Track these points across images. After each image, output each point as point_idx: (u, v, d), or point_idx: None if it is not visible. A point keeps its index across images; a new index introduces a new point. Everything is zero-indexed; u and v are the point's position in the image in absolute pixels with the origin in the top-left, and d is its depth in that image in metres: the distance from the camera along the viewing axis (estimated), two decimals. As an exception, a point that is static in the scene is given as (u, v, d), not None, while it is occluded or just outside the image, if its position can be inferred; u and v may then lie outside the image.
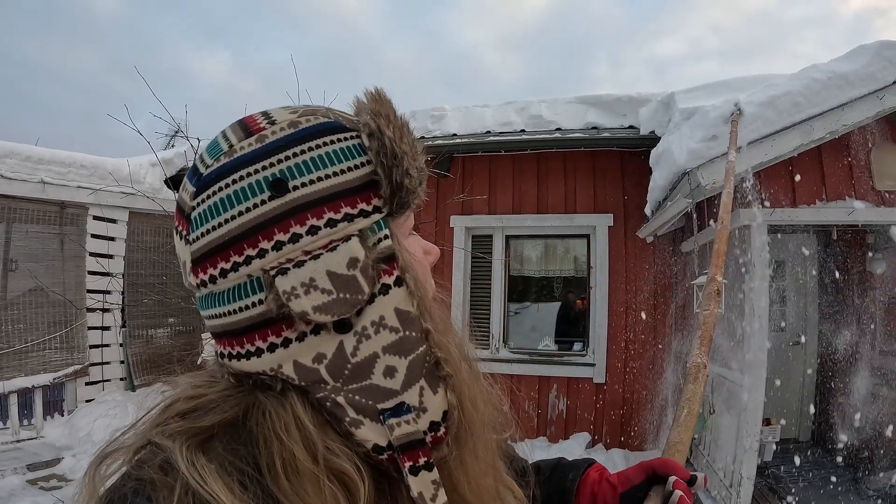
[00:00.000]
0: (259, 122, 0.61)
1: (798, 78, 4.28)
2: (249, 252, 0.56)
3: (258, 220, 0.56)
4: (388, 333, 0.58)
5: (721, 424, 4.65)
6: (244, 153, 0.58)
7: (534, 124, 6.89)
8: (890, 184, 4.38)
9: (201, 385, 0.62)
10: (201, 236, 0.58)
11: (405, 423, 0.58)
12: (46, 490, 5.25)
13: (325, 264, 0.56)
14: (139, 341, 7.81)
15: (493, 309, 6.92)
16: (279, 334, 0.57)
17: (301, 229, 0.56)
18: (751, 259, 4.29)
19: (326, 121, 0.62)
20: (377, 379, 0.58)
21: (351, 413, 0.57)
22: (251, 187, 0.56)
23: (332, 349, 0.57)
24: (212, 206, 0.57)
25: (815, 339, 6.52)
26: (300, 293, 0.55)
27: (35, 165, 6.61)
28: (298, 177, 0.57)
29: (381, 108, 0.62)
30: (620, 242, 6.55)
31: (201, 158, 0.61)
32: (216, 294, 0.59)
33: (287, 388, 0.57)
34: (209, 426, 0.56)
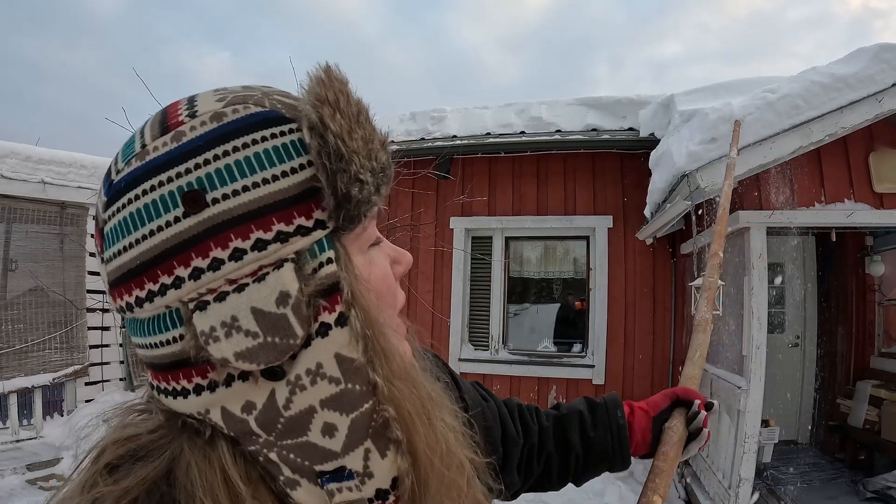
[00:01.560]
0: (179, 113, 0.49)
1: (797, 80, 4.29)
2: (164, 280, 0.46)
3: (171, 242, 0.46)
4: (326, 384, 0.48)
5: (720, 425, 4.65)
6: (157, 155, 0.47)
7: (534, 126, 6.89)
8: (889, 186, 4.40)
9: (136, 422, 0.52)
10: (114, 256, 0.48)
11: (347, 489, 0.50)
12: (46, 490, 5.25)
13: (251, 299, 0.45)
14: (139, 342, 7.80)
15: (492, 310, 6.92)
16: (204, 375, 0.47)
17: (223, 253, 0.45)
18: (750, 261, 4.30)
19: (259, 111, 0.49)
20: (314, 437, 0.48)
21: (286, 472, 0.48)
22: (164, 200, 0.46)
23: (262, 398, 0.47)
24: (121, 223, 0.47)
25: (814, 341, 6.53)
26: (220, 335, 0.45)
27: (35, 165, 6.61)
28: (220, 187, 0.46)
29: (327, 93, 0.48)
30: (620, 244, 6.56)
31: (115, 160, 0.50)
32: (136, 321, 0.49)
33: (217, 436, 0.48)
34: (131, 487, 0.46)
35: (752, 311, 4.25)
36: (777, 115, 4.11)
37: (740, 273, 4.47)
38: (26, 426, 6.49)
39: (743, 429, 4.20)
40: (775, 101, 4.15)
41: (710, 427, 1.03)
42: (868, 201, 4.40)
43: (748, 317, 4.29)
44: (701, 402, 1.03)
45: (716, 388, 4.77)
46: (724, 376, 4.60)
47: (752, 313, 4.25)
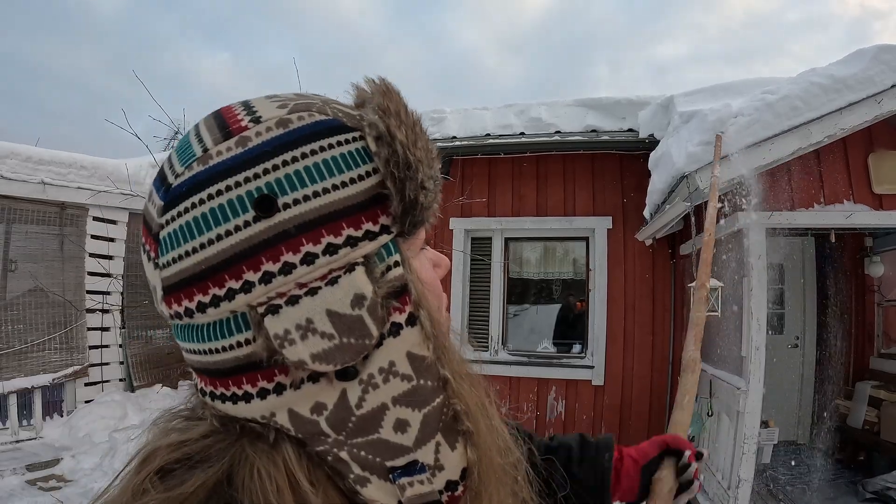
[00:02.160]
0: (240, 118, 0.49)
1: (796, 82, 4.29)
2: (232, 284, 0.46)
3: (241, 246, 0.46)
4: (399, 382, 0.49)
5: (719, 426, 4.66)
6: (222, 160, 0.47)
7: (533, 127, 6.89)
8: (888, 187, 4.40)
9: (183, 427, 0.51)
10: (173, 262, 0.47)
11: (418, 482, 0.50)
12: (45, 490, 5.25)
13: (325, 302, 0.46)
14: (138, 342, 7.81)
15: (492, 311, 6.92)
16: (271, 379, 0.47)
17: (294, 258, 0.46)
18: (749, 262, 4.30)
19: (323, 118, 0.50)
20: (386, 433, 0.49)
21: (356, 470, 0.49)
22: (231, 205, 0.46)
23: (333, 399, 0.48)
24: (184, 227, 0.47)
25: (814, 342, 6.53)
26: (295, 338, 0.45)
27: (35, 166, 6.62)
28: (290, 192, 0.46)
29: (389, 104, 0.51)
30: (619, 245, 6.56)
31: (170, 164, 0.50)
32: (194, 327, 0.49)
33: (281, 439, 0.48)
34: (189, 494, 0.45)
35: (752, 312, 4.25)
36: (776, 116, 4.11)
37: (739, 274, 4.47)
38: (26, 427, 6.50)
39: (742, 430, 4.20)
40: (774, 102, 4.15)
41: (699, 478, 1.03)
42: (867, 202, 4.40)
43: (747, 318, 4.29)
44: (692, 452, 1.01)
45: (715, 389, 4.78)
46: (724, 377, 4.61)
47: (752, 314, 4.25)
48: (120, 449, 5.80)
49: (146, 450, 0.51)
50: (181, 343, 0.51)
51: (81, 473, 5.66)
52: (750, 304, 4.27)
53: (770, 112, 4.12)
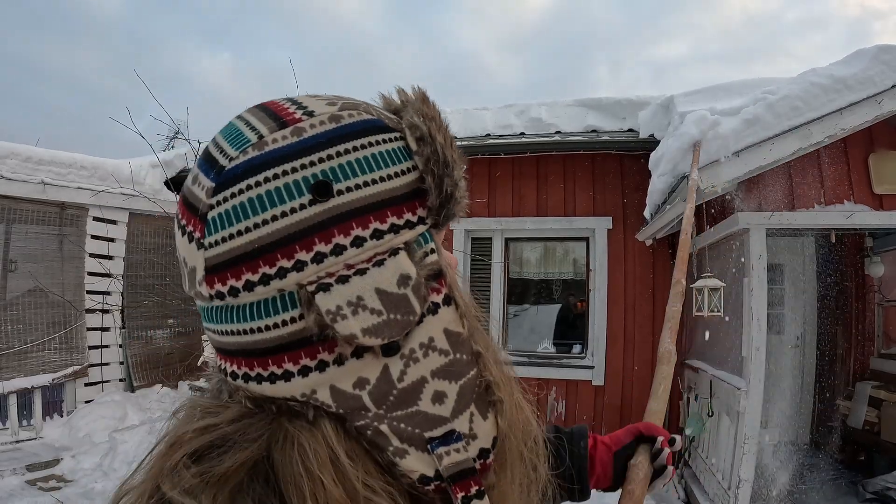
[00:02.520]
0: (292, 111, 0.53)
1: (796, 82, 4.29)
2: (284, 263, 0.48)
3: (297, 226, 0.48)
4: (437, 356, 0.53)
5: (720, 427, 4.66)
6: (279, 147, 0.50)
7: (533, 127, 6.89)
8: (888, 187, 4.40)
9: (210, 410, 0.53)
10: (222, 241, 0.49)
11: (455, 451, 0.53)
12: (45, 491, 5.25)
13: (374, 281, 0.49)
14: (139, 342, 7.81)
15: (492, 311, 6.92)
16: (314, 356, 0.49)
17: (345, 240, 0.49)
18: (749, 262, 4.30)
19: (370, 118, 0.55)
20: (425, 405, 0.52)
21: (395, 442, 0.51)
22: (288, 188, 0.49)
23: (375, 374, 0.50)
24: (238, 207, 0.49)
25: (814, 342, 6.53)
26: (347, 313, 0.48)
27: (35, 166, 6.62)
28: (343, 180, 0.50)
29: (428, 110, 0.57)
30: (619, 245, 6.56)
31: (220, 149, 0.52)
32: (235, 308, 0.50)
33: (320, 416, 0.50)
34: (230, 472, 0.47)
35: (752, 313, 4.25)
36: (776, 116, 4.11)
37: (740, 274, 4.47)
38: (26, 427, 6.50)
39: (742, 430, 4.20)
40: (775, 102, 4.15)
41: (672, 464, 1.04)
42: (868, 203, 4.40)
43: (748, 318, 4.29)
44: (664, 438, 1.03)
45: (715, 389, 4.78)
46: (724, 377, 4.61)
47: (752, 314, 4.25)
48: (120, 449, 5.80)
49: (172, 435, 0.52)
50: (216, 325, 0.52)
51: (81, 473, 5.66)
52: (750, 305, 4.28)
53: (770, 112, 4.12)
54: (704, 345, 5.34)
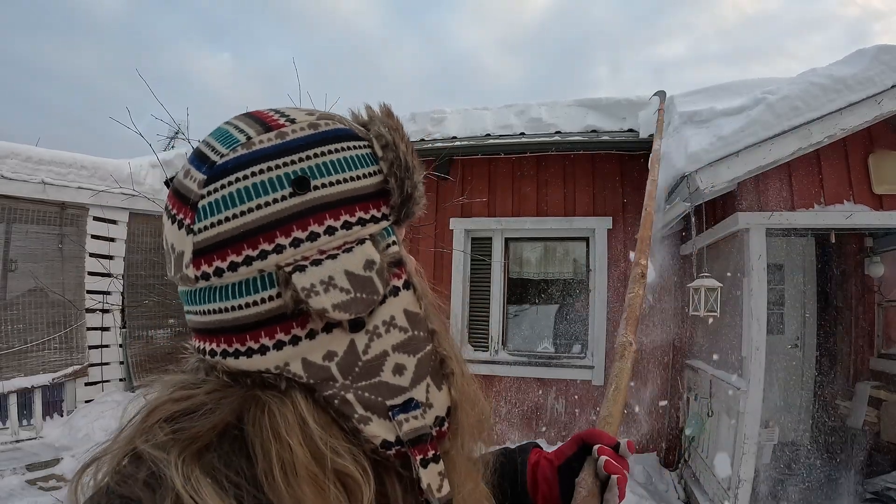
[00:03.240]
0: (276, 118, 0.60)
1: (796, 82, 4.29)
2: (265, 247, 0.55)
3: (278, 215, 0.55)
4: (397, 333, 0.60)
5: (719, 426, 4.66)
6: (264, 147, 0.57)
7: (533, 127, 6.89)
8: (888, 187, 4.40)
9: (186, 386, 0.58)
10: (210, 226, 0.55)
11: (413, 418, 0.59)
12: (45, 490, 5.25)
13: (344, 264, 0.56)
14: (139, 342, 7.81)
15: (492, 311, 6.92)
16: (288, 331, 0.56)
17: (319, 228, 0.56)
18: (749, 262, 4.31)
19: (343, 127, 0.63)
20: (386, 376, 0.59)
21: (359, 410, 0.57)
22: (271, 182, 0.56)
23: (343, 347, 0.57)
24: (226, 197, 0.55)
25: (814, 342, 6.53)
26: (319, 290, 0.54)
27: (36, 166, 6.62)
28: (319, 177, 0.57)
29: (392, 122, 0.65)
30: (619, 245, 6.56)
31: (211, 147, 0.59)
32: (218, 288, 0.56)
33: (291, 387, 0.56)
34: (201, 433, 0.53)
35: (752, 313, 4.26)
36: (776, 116, 4.11)
37: (740, 274, 4.48)
38: (26, 426, 6.50)
39: (742, 430, 4.20)
40: (774, 102, 4.15)
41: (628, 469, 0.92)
42: (867, 203, 4.40)
43: (748, 318, 4.29)
44: (601, 445, 0.91)
45: (715, 389, 4.78)
46: (724, 377, 4.61)
47: (752, 315, 4.26)
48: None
49: (149, 405, 0.57)
50: (199, 306, 0.58)
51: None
52: (750, 305, 4.28)
53: (770, 112, 4.12)
54: (704, 345, 5.34)
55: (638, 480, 5.53)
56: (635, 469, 5.68)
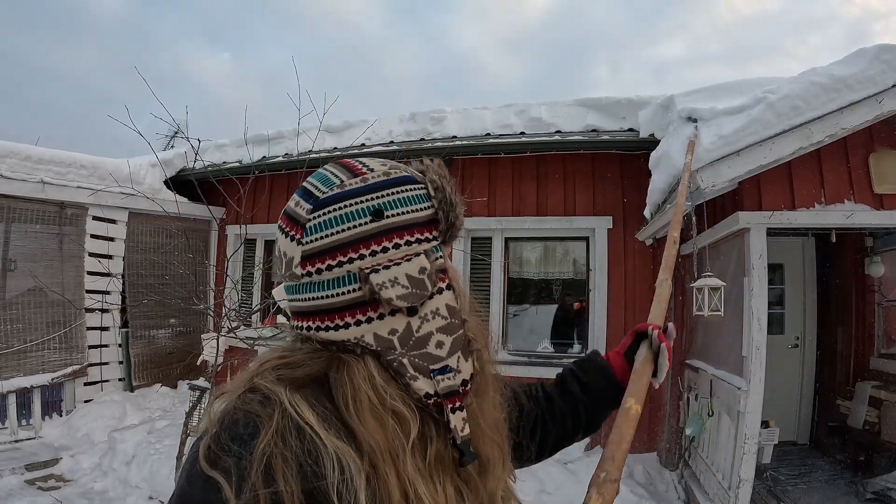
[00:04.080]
0: (360, 168, 0.85)
1: (797, 81, 4.28)
2: (352, 255, 0.79)
3: (361, 234, 0.79)
4: (440, 319, 0.83)
5: (720, 426, 4.65)
6: (353, 188, 0.81)
7: (533, 127, 6.89)
8: (889, 187, 4.39)
9: (287, 349, 0.84)
10: (315, 240, 0.79)
11: (447, 379, 0.82)
12: (45, 490, 5.25)
13: (405, 269, 0.79)
14: (140, 342, 7.80)
15: (492, 311, 6.91)
16: (365, 314, 0.79)
17: (389, 244, 0.80)
18: (750, 262, 4.30)
19: (407, 175, 0.86)
20: (431, 349, 0.82)
21: (411, 371, 0.80)
22: (358, 212, 0.80)
23: (402, 326, 0.80)
24: (326, 221, 0.79)
25: (814, 342, 6.53)
26: (388, 286, 0.78)
27: (35, 165, 6.62)
28: (391, 209, 0.81)
29: (443, 172, 0.88)
30: (619, 245, 6.56)
31: (315, 186, 0.83)
32: (318, 283, 0.80)
33: (364, 352, 0.79)
34: (300, 377, 0.78)
35: (752, 312, 4.25)
36: (777, 115, 4.10)
37: (740, 274, 4.47)
38: (25, 426, 6.50)
39: (743, 430, 4.20)
40: (775, 101, 4.14)
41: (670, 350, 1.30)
42: (868, 202, 4.40)
43: (748, 318, 4.28)
44: (654, 326, 1.33)
45: (716, 389, 4.77)
46: (724, 377, 4.60)
47: (752, 314, 4.25)
48: (119, 449, 5.79)
49: (260, 359, 0.83)
50: (302, 295, 0.82)
51: (81, 473, 5.66)
52: (750, 304, 4.27)
53: (771, 111, 4.11)
54: (705, 344, 5.33)
55: (638, 480, 5.52)
56: (635, 469, 5.68)
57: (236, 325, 4.91)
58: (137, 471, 5.43)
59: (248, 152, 7.65)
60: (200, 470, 0.69)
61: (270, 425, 0.70)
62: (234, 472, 0.67)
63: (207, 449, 0.70)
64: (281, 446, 0.69)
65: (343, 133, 7.92)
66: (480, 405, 0.90)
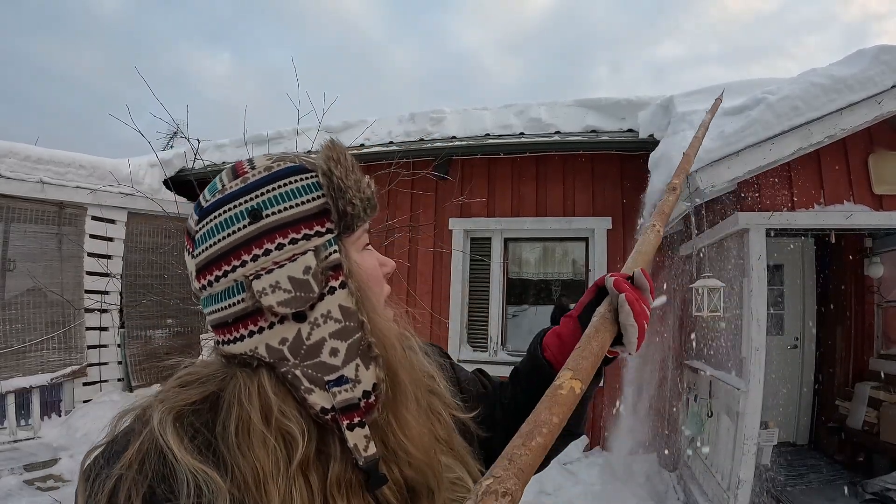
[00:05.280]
0: (244, 167, 0.79)
1: (796, 82, 4.28)
2: (235, 263, 0.74)
3: (240, 239, 0.74)
4: (332, 323, 0.75)
5: (719, 427, 4.65)
6: (231, 191, 0.77)
7: (533, 127, 6.89)
8: (888, 188, 4.39)
9: (199, 366, 0.80)
10: (201, 252, 0.76)
11: (344, 391, 0.75)
12: (43, 490, 5.24)
13: (288, 271, 0.74)
14: (137, 342, 7.79)
15: (491, 311, 6.92)
16: (256, 324, 0.74)
17: (271, 246, 0.74)
18: (749, 262, 4.30)
19: (293, 165, 0.80)
20: (324, 357, 0.75)
21: (305, 383, 0.74)
22: (235, 216, 0.75)
23: (292, 334, 0.74)
24: (209, 230, 0.76)
25: (813, 343, 6.53)
26: (268, 292, 0.73)
27: (34, 165, 6.61)
28: (270, 207, 0.75)
29: (332, 153, 0.80)
30: (619, 245, 6.56)
31: (203, 195, 0.79)
32: (213, 295, 0.77)
33: (260, 365, 0.74)
34: (192, 395, 0.74)
35: (752, 313, 4.25)
36: (776, 116, 4.10)
37: (739, 275, 4.47)
38: (24, 426, 6.49)
39: (742, 430, 4.19)
40: (775, 102, 4.15)
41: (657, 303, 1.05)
42: (867, 203, 4.40)
43: (747, 318, 4.28)
44: (614, 274, 0.97)
45: (715, 390, 4.77)
46: (723, 378, 4.60)
47: (752, 315, 4.24)
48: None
49: (178, 374, 0.78)
50: (205, 309, 0.79)
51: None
52: (750, 305, 4.27)
53: (770, 112, 4.12)
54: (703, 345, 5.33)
55: (637, 481, 5.52)
56: (635, 470, 5.67)
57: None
58: (136, 471, 5.42)
59: (247, 153, 7.65)
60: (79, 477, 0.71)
61: (135, 446, 0.69)
62: (90, 486, 0.68)
63: (92, 459, 0.71)
64: (135, 468, 0.67)
65: (342, 133, 7.91)
66: (399, 419, 0.80)
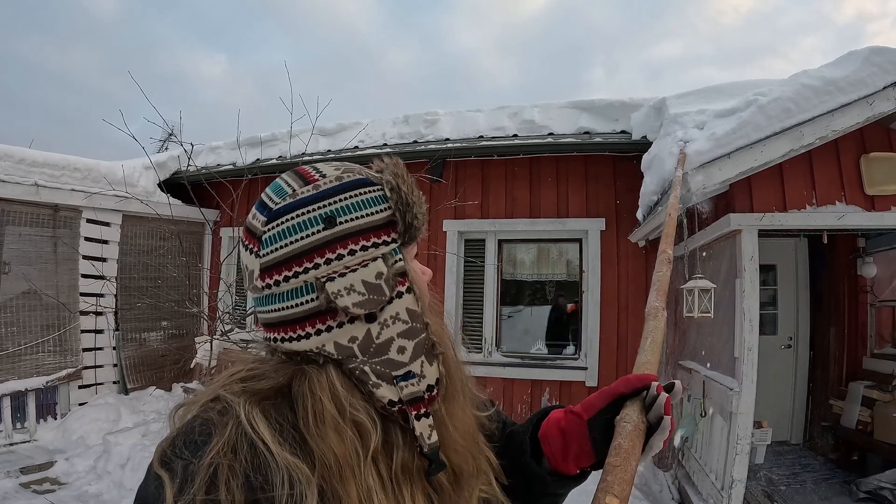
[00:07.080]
0: (313, 174, 0.84)
1: (788, 84, 4.30)
2: (307, 265, 0.77)
3: (315, 243, 0.78)
4: (401, 324, 0.81)
5: (713, 427, 4.67)
6: (304, 196, 0.80)
7: (526, 129, 6.90)
8: (880, 188, 4.41)
9: (255, 362, 0.83)
10: (271, 252, 0.79)
11: (411, 385, 0.80)
12: (39, 493, 5.23)
13: (361, 275, 0.78)
14: (132, 345, 7.79)
15: (485, 313, 6.93)
16: (325, 323, 0.78)
17: (344, 251, 0.78)
18: (741, 263, 4.31)
19: (361, 177, 0.84)
20: (392, 354, 0.80)
21: (373, 378, 0.79)
22: (309, 220, 0.78)
23: (362, 333, 0.79)
24: (281, 231, 0.78)
25: (807, 342, 6.55)
26: (344, 294, 0.77)
27: (29, 168, 6.61)
28: (344, 215, 0.79)
29: (398, 171, 0.86)
30: (612, 246, 6.58)
31: (269, 197, 0.82)
32: (277, 294, 0.79)
33: (327, 361, 0.78)
34: (264, 389, 0.77)
35: (744, 313, 4.26)
36: (768, 118, 4.12)
37: (732, 275, 4.49)
38: (20, 429, 6.48)
39: (735, 430, 4.21)
40: (766, 104, 4.16)
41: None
42: (859, 203, 4.42)
43: (740, 319, 4.30)
44: (658, 385, 0.89)
45: (708, 390, 4.79)
46: (717, 378, 4.62)
47: (744, 315, 4.26)
48: (113, 451, 5.78)
49: (230, 371, 0.82)
50: (266, 307, 0.81)
51: (75, 476, 5.64)
52: (742, 305, 4.28)
53: (762, 114, 4.13)
54: (697, 345, 5.35)
55: (632, 481, 5.53)
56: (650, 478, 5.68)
57: (230, 329, 4.91)
58: (132, 474, 5.42)
59: (241, 155, 7.66)
60: (152, 468, 0.71)
61: (223, 435, 0.71)
62: (180, 474, 0.68)
63: (162, 451, 0.72)
64: (230, 457, 0.69)
65: (336, 135, 7.93)
66: (450, 411, 0.86)
